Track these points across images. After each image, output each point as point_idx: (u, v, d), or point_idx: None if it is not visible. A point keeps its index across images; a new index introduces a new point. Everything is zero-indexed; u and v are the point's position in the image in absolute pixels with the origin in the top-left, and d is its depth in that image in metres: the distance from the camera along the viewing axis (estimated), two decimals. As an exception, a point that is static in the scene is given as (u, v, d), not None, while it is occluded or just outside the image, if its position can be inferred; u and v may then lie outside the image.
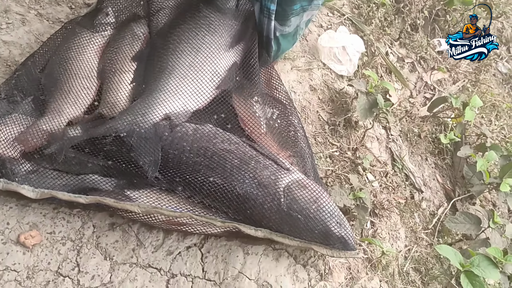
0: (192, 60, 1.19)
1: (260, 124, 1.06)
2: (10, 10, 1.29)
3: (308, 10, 1.21)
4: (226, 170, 0.96)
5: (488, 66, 2.19)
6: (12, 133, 1.01)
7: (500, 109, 2.09)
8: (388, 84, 1.37)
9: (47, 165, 0.99)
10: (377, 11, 1.64)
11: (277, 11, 1.15)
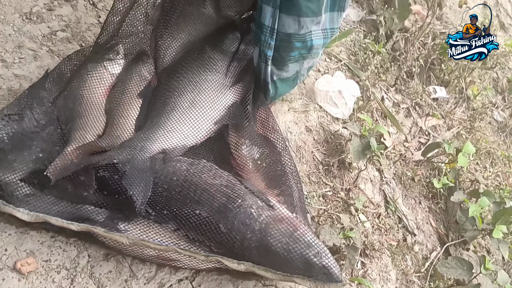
0: (193, 97, 1.25)
1: (247, 163, 1.11)
2: (23, 45, 1.37)
3: (308, 58, 1.27)
4: (213, 205, 1.00)
5: (484, 114, 2.25)
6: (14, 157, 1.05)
7: (495, 156, 2.13)
8: (382, 128, 1.42)
9: (46, 190, 1.02)
10: (373, 58, 1.71)
11: (274, 57, 1.22)
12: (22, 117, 1.15)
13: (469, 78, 2.30)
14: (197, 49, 1.37)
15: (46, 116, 1.16)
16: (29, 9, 1.45)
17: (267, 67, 1.24)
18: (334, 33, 1.30)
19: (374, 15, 1.84)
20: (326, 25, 1.23)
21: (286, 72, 1.28)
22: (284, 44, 1.19)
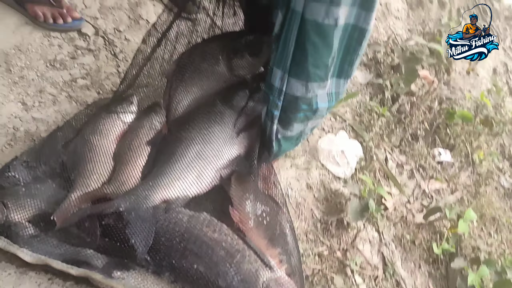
0: (199, 149, 1.30)
1: (248, 219, 1.14)
2: (44, 90, 1.45)
3: (312, 119, 1.32)
4: (212, 260, 1.02)
5: (490, 179, 2.25)
6: (25, 201, 1.10)
7: (501, 222, 2.12)
8: (382, 190, 1.45)
9: (50, 232, 1.06)
10: (377, 120, 1.76)
11: (280, 117, 1.27)
12: (38, 164, 1.22)
13: (476, 142, 2.33)
14: (208, 103, 1.43)
15: (58, 162, 1.21)
16: (54, 57, 1.54)
17: (273, 126, 1.30)
18: (340, 96, 1.35)
19: (381, 78, 1.91)
20: (331, 89, 1.29)
21: (291, 131, 1.32)
22: (291, 105, 1.25)
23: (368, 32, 1.14)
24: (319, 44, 1.11)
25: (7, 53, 1.49)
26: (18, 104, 1.39)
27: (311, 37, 1.10)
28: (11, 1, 1.59)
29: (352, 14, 1.10)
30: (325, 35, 1.10)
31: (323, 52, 1.13)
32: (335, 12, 1.05)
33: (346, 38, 1.16)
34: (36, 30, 1.58)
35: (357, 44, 1.17)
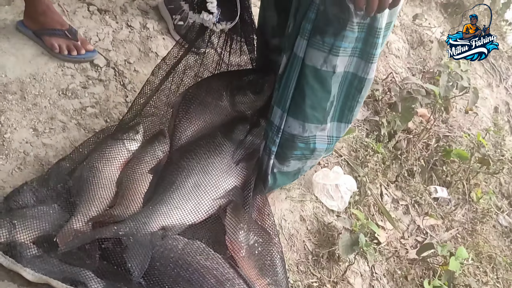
0: (198, 179, 1.37)
1: (241, 248, 1.19)
2: (55, 117, 1.53)
3: (310, 158, 1.39)
4: (202, 286, 1.07)
5: (488, 217, 2.28)
6: (31, 223, 1.17)
7: (497, 261, 2.13)
8: (373, 225, 1.49)
9: (52, 253, 1.12)
10: (373, 156, 1.82)
11: (277, 152, 1.34)
12: (45, 189, 1.29)
13: (474, 180, 2.37)
14: (209, 135, 1.51)
15: (64, 187, 1.29)
16: (66, 86, 1.64)
17: (270, 160, 1.36)
18: (337, 140, 1.42)
19: (378, 116, 1.98)
20: (332, 132, 1.35)
21: (287, 167, 1.39)
22: (287, 143, 1.32)
23: (368, 81, 1.22)
24: (317, 88, 1.19)
25: (22, 81, 1.58)
26: (29, 130, 1.47)
27: (309, 81, 1.18)
28: (30, 33, 1.69)
29: (351, 63, 1.18)
30: (322, 81, 1.17)
31: (321, 96, 1.21)
32: (333, 60, 1.13)
33: (346, 85, 1.23)
34: (51, 61, 1.68)
35: (356, 91, 1.24)
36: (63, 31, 1.67)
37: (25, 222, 1.17)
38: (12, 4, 1.81)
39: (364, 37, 1.12)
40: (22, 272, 1.12)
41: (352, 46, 1.13)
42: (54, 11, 1.70)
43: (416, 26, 2.97)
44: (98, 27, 1.87)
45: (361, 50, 1.15)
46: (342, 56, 1.14)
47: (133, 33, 1.93)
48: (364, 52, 1.15)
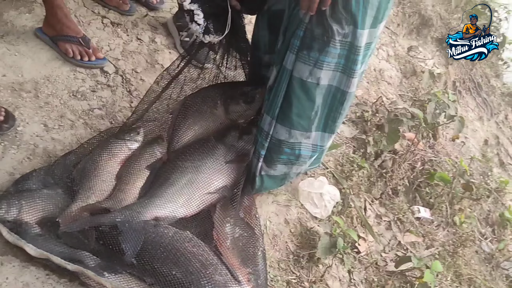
0: (191, 177, 1.48)
1: (226, 239, 1.30)
2: (65, 116, 1.67)
3: (296, 164, 1.50)
4: (188, 269, 1.18)
5: (470, 242, 2.37)
6: (36, 204, 1.28)
7: (477, 284, 2.21)
8: (353, 232, 1.59)
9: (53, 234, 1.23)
10: (358, 171, 1.93)
11: (266, 156, 1.46)
12: (52, 177, 1.41)
13: (458, 205, 2.47)
14: (204, 139, 1.63)
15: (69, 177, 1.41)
16: (77, 88, 1.78)
17: (258, 163, 1.48)
18: (323, 149, 1.54)
19: (365, 135, 2.10)
20: (316, 141, 1.46)
21: (274, 170, 1.50)
22: (275, 147, 1.44)
23: (349, 95, 1.34)
24: (302, 98, 1.32)
25: (37, 81, 1.72)
26: (40, 125, 1.60)
27: (296, 91, 1.32)
28: (47, 39, 1.85)
29: (335, 77, 1.31)
30: (307, 91, 1.31)
31: (306, 105, 1.34)
32: (318, 73, 1.27)
33: (330, 97, 1.36)
34: (65, 65, 1.83)
35: (339, 104, 1.37)
36: (77, 39, 1.83)
37: (32, 203, 1.30)
38: (32, 13, 1.97)
39: (346, 54, 1.25)
40: (25, 247, 1.22)
41: (336, 62, 1.26)
42: (71, 20, 1.86)
43: (410, 57, 3.13)
44: (110, 38, 2.03)
45: (344, 65, 1.28)
46: (326, 70, 1.27)
47: (142, 46, 2.08)
48: (346, 67, 1.28)
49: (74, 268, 1.17)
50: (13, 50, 1.79)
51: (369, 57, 1.35)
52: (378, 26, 1.26)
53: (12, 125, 1.52)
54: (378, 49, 2.88)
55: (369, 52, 1.32)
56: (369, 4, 1.18)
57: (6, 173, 1.42)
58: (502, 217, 2.65)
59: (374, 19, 1.22)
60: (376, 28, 1.26)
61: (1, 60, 1.73)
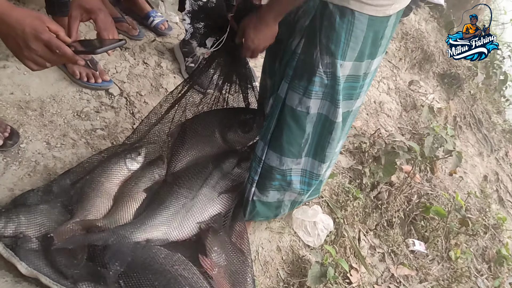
0: (186, 203, 1.51)
1: (214, 266, 1.32)
2: (67, 135, 1.71)
3: (288, 191, 1.52)
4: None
5: (466, 278, 2.36)
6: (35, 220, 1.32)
7: (474, 320, 2.20)
8: (344, 262, 1.60)
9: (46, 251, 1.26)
10: (353, 202, 1.95)
11: (258, 182, 1.49)
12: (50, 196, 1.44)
13: (454, 240, 2.47)
14: (201, 164, 1.66)
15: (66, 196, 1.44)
16: (81, 108, 1.83)
17: (251, 188, 1.51)
18: (314, 177, 1.51)
19: (362, 166, 2.13)
20: (306, 166, 1.48)
21: (267, 197, 1.52)
22: (267, 173, 1.47)
23: (337, 125, 1.36)
24: (293, 126, 1.36)
25: (43, 100, 1.78)
26: (43, 143, 1.65)
27: (287, 119, 1.36)
28: (56, 60, 1.91)
29: (324, 106, 1.34)
30: (298, 120, 1.34)
31: (296, 133, 1.37)
32: (307, 102, 1.30)
33: (320, 126, 1.39)
34: (71, 85, 1.88)
35: (327, 133, 1.39)
36: (85, 61, 1.89)
37: (30, 218, 1.32)
38: (44, 34, 2.04)
39: (330, 83, 1.27)
40: (17, 265, 1.24)
41: (323, 91, 1.29)
42: (80, 43, 1.92)
43: (411, 91, 3.19)
44: (117, 61, 2.09)
45: (330, 95, 1.30)
46: (315, 98, 1.30)
47: (148, 70, 2.14)
48: (332, 97, 1.30)
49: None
50: (23, 69, 1.84)
51: (362, 92, 1.38)
52: (365, 60, 1.28)
53: (16, 142, 1.56)
54: (378, 82, 2.93)
55: (354, 84, 1.33)
56: (351, 38, 1.20)
57: (6, 188, 1.45)
58: (499, 254, 2.65)
59: (359, 52, 1.24)
60: (363, 62, 1.27)
61: (10, 79, 1.79)
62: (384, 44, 1.30)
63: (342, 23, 1.17)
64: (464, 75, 3.77)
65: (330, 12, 1.18)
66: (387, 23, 1.23)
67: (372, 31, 1.21)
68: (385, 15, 1.20)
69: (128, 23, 2.23)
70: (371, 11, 1.17)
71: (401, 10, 1.27)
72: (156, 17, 2.34)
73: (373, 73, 1.39)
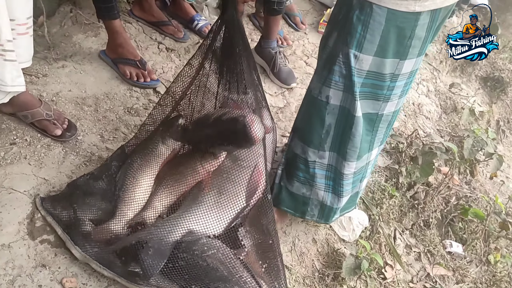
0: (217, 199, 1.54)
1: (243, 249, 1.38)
2: (119, 129, 1.84)
3: (313, 186, 1.52)
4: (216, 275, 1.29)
5: (506, 283, 2.32)
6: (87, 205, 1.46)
7: (510, 326, 2.16)
8: (378, 256, 1.64)
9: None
10: (389, 200, 1.98)
11: (285, 167, 1.56)
12: (102, 179, 1.56)
13: (494, 244, 2.44)
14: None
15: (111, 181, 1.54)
16: (131, 105, 1.96)
17: (278, 171, 1.58)
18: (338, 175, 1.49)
19: (398, 165, 2.16)
20: (331, 161, 1.49)
21: (292, 186, 1.55)
22: (291, 160, 1.53)
23: (356, 119, 1.35)
24: (313, 114, 1.41)
25: (98, 97, 1.92)
26: (97, 136, 1.79)
27: (309, 107, 1.42)
28: (109, 60, 2.06)
29: (346, 100, 1.35)
30: (317, 109, 1.39)
31: (316, 122, 1.42)
32: (326, 91, 1.34)
33: (343, 120, 1.39)
34: (123, 84, 2.03)
35: (348, 127, 1.39)
36: (135, 61, 2.03)
37: (84, 204, 1.45)
38: (98, 36, 2.21)
39: (347, 74, 1.28)
40: (72, 250, 1.38)
41: (344, 82, 1.30)
42: (130, 45, 2.06)
43: (452, 93, 3.16)
44: (164, 62, 2.22)
45: (349, 87, 1.30)
46: (335, 89, 1.32)
47: (192, 70, 2.26)
48: (350, 89, 1.30)
49: (110, 275, 1.33)
50: (79, 69, 2.00)
51: (392, 94, 1.35)
52: (390, 59, 1.25)
53: (74, 134, 1.71)
54: (418, 84, 2.94)
55: (385, 86, 1.31)
56: (368, 29, 1.20)
57: (65, 176, 1.59)
58: (545, 259, 2.57)
59: (379, 47, 1.22)
60: (386, 60, 1.25)
61: (68, 77, 1.95)
62: (417, 46, 1.26)
63: (360, 15, 1.20)
64: (508, 78, 3.69)
65: (352, 6, 1.21)
66: (416, 22, 1.19)
67: (394, 26, 1.19)
68: (409, 10, 1.16)
69: (174, 26, 2.36)
70: (389, 4, 1.16)
71: (441, 11, 1.23)
72: (200, 20, 2.46)
73: (409, 78, 1.36)
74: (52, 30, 2.12)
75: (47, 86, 1.88)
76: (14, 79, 1.46)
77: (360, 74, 1.28)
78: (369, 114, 1.38)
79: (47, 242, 1.39)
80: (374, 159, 1.60)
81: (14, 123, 1.68)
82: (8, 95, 1.51)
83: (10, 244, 1.35)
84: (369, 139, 1.46)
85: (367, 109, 1.37)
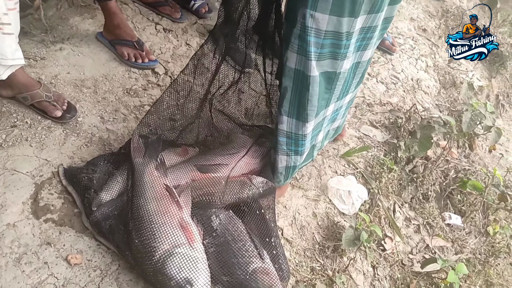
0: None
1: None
2: (119, 110, 1.86)
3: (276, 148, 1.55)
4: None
5: (505, 254, 2.36)
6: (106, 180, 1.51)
7: (511, 297, 2.20)
8: (376, 227, 1.67)
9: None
10: (388, 174, 2.01)
11: None
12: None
13: (493, 216, 2.47)
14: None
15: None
16: (130, 86, 1.97)
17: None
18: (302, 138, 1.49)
19: (397, 140, 2.17)
20: (291, 128, 1.48)
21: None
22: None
23: (312, 79, 1.33)
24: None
25: (96, 79, 1.93)
26: (97, 117, 1.80)
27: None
28: (106, 42, 2.06)
29: (300, 62, 1.32)
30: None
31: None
32: (286, 54, 1.33)
33: (299, 83, 1.37)
34: (121, 65, 2.03)
35: (304, 89, 1.37)
36: (132, 42, 2.03)
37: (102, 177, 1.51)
38: (95, 18, 2.20)
39: (301, 33, 1.25)
40: (85, 223, 1.43)
41: (298, 43, 1.27)
42: (127, 26, 2.06)
43: (451, 68, 3.16)
44: (161, 43, 2.23)
45: (302, 47, 1.27)
46: (291, 51, 1.30)
47: (190, 50, 2.26)
48: (303, 49, 1.27)
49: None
50: (77, 51, 2.01)
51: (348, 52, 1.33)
52: (346, 17, 1.23)
53: (74, 115, 1.72)
54: (416, 60, 2.93)
55: (342, 45, 1.28)
56: None
57: (67, 156, 1.62)
58: (546, 230, 2.60)
59: (333, 5, 1.20)
60: (343, 18, 1.22)
61: (66, 60, 1.96)
62: (368, 3, 1.25)
63: None
64: (508, 52, 3.67)
65: None
66: None
67: None
68: None
69: (171, 6, 2.35)
70: None
71: None
72: (197, 1, 2.45)
73: (360, 34, 1.34)
74: (49, 13, 2.12)
75: (45, 69, 1.89)
76: (14, 53, 1.47)
77: (318, 34, 1.26)
78: (327, 72, 1.37)
79: (51, 221, 1.42)
80: (330, 114, 1.61)
81: (14, 106, 1.69)
82: (8, 69, 1.50)
83: (15, 223, 1.38)
84: (327, 97, 1.45)
85: (326, 68, 1.35)
